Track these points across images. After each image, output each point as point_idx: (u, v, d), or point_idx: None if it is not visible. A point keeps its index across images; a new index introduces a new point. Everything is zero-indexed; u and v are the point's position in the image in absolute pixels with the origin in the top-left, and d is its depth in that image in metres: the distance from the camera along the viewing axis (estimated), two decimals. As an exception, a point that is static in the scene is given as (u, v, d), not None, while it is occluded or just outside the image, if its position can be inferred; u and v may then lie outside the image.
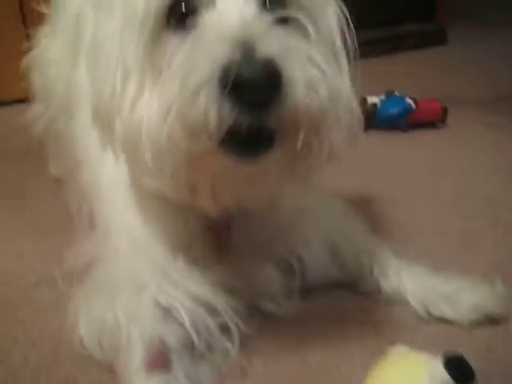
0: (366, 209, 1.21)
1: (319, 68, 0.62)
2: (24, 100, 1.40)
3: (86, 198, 1.08)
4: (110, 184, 0.89)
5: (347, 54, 0.72)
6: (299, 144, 0.62)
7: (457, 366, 0.65)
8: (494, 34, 2.82)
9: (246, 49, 0.58)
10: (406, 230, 1.17)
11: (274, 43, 0.59)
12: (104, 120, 0.70)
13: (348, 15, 0.72)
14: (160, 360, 0.72)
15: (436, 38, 2.74)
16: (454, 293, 0.88)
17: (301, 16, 0.68)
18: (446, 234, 1.16)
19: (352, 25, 0.71)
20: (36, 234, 1.17)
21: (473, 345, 0.82)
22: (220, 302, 0.77)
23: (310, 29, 0.68)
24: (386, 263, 0.94)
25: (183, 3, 0.65)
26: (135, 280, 0.79)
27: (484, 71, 2.37)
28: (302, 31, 0.68)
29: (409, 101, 1.70)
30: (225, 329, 0.78)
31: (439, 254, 1.07)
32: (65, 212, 1.19)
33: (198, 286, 0.78)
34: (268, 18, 0.63)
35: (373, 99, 1.72)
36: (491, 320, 0.86)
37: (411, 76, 2.25)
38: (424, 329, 0.87)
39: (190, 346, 0.75)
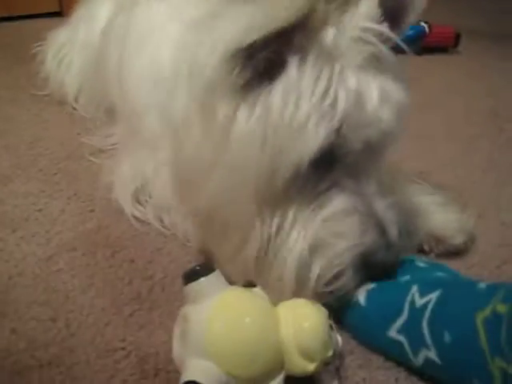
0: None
1: None
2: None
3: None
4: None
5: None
6: None
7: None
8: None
9: (386, 239, 0.65)
10: (420, 135, 1.24)
11: (396, 230, 0.67)
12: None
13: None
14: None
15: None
16: None
17: None
18: (454, 139, 1.24)
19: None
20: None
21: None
22: None
23: None
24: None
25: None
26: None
27: (500, 5, 2.39)
28: None
29: (423, 24, 1.74)
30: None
31: (446, 156, 1.16)
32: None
33: None
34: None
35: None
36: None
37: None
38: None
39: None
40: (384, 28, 0.66)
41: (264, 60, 0.61)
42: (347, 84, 0.62)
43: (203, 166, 0.67)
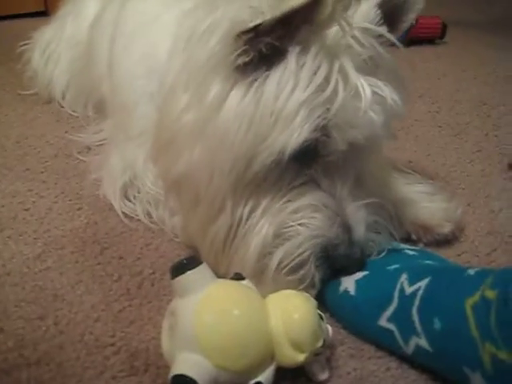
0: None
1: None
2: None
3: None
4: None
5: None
6: None
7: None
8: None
9: (350, 235, 0.66)
10: (408, 125, 1.25)
11: (364, 230, 0.67)
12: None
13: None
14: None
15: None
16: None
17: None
18: (442, 128, 1.24)
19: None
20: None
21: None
22: None
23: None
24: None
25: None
26: None
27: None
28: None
29: (410, 16, 1.74)
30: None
31: (434, 144, 1.16)
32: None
33: None
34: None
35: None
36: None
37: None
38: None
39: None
40: (383, 30, 0.66)
41: (266, 45, 0.61)
42: (344, 83, 0.63)
43: (185, 132, 0.67)
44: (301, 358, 0.56)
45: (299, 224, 0.65)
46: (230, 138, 0.63)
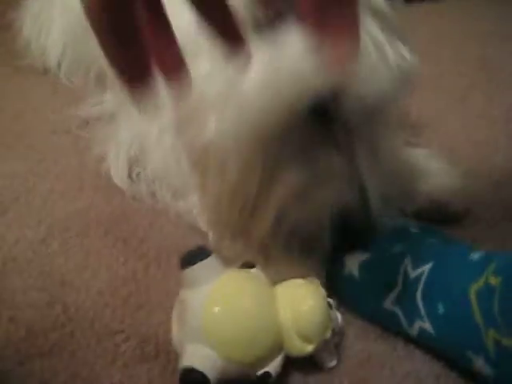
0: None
1: None
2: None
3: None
4: None
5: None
6: None
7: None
8: None
9: (365, 201, 0.66)
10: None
11: (379, 199, 0.67)
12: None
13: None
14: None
15: None
16: None
17: None
18: (443, 89, 1.22)
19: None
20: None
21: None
22: None
23: None
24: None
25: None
26: None
27: None
28: None
29: (410, -31, 1.68)
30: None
31: (435, 108, 1.15)
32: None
33: None
34: None
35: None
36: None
37: None
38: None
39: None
40: None
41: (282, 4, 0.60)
42: (371, 39, 0.63)
43: (211, 98, 0.66)
44: (309, 348, 0.56)
45: (316, 188, 0.66)
46: (253, 96, 0.62)
